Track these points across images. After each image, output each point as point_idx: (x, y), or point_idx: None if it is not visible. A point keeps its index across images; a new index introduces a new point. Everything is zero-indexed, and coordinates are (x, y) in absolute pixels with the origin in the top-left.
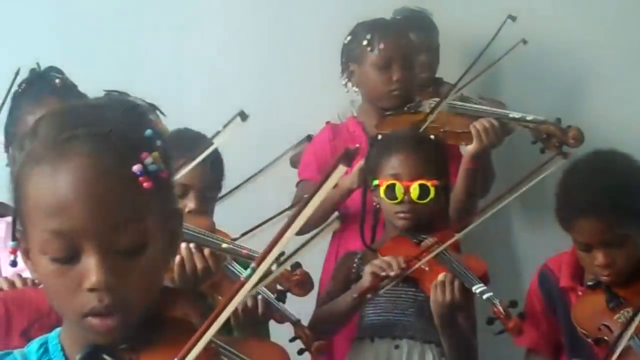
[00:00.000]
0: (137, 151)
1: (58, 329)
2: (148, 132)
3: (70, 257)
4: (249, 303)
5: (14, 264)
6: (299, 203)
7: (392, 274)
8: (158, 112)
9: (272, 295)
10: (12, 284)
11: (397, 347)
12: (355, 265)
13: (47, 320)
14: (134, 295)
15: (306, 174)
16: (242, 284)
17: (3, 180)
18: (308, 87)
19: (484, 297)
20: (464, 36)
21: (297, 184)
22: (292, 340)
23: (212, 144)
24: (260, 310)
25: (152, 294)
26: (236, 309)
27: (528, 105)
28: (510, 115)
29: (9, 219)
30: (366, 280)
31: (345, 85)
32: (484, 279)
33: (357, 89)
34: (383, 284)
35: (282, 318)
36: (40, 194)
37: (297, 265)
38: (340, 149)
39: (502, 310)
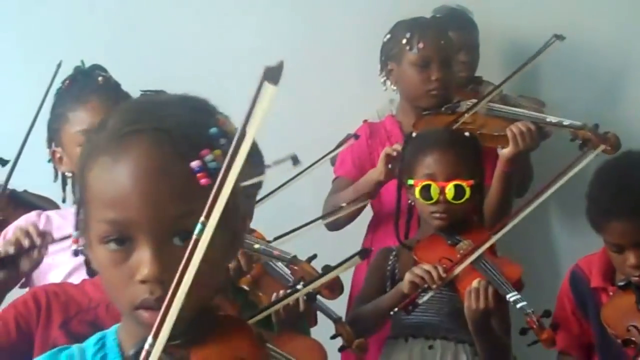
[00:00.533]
0: (198, 148)
1: (117, 325)
2: (213, 129)
3: (125, 248)
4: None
5: (76, 253)
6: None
7: (433, 286)
8: None
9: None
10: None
11: (431, 347)
12: (390, 262)
13: (85, 316)
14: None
15: (341, 171)
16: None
17: (47, 175)
18: (346, 86)
19: (518, 306)
20: (504, 35)
21: (333, 181)
22: (333, 337)
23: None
24: (301, 307)
25: (207, 291)
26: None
27: (567, 105)
28: (547, 120)
29: (50, 212)
30: (405, 287)
31: (384, 83)
32: (518, 285)
33: (395, 88)
34: (422, 294)
35: (325, 315)
36: (100, 184)
37: (328, 267)
38: (376, 148)
39: (535, 320)
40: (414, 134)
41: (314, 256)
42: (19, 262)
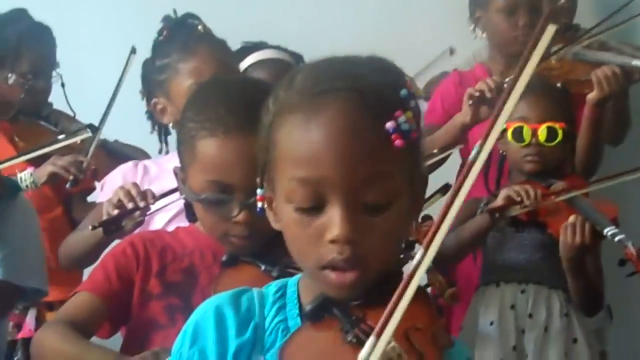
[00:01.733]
0: (391, 109)
1: (298, 276)
2: (404, 91)
3: (315, 207)
4: None
5: (262, 211)
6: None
7: (527, 202)
8: None
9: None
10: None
11: (523, 291)
12: (480, 210)
13: (179, 264)
14: (374, 252)
15: (432, 118)
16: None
17: (144, 126)
18: (434, 33)
19: (616, 239)
20: None
21: (423, 128)
22: (425, 287)
23: None
24: None
25: (392, 253)
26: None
27: None
28: (633, 63)
29: (147, 161)
30: (499, 200)
31: (473, 30)
32: (615, 222)
33: (484, 35)
34: (514, 209)
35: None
36: (291, 142)
37: (428, 217)
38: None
39: (634, 252)
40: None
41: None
42: (122, 222)
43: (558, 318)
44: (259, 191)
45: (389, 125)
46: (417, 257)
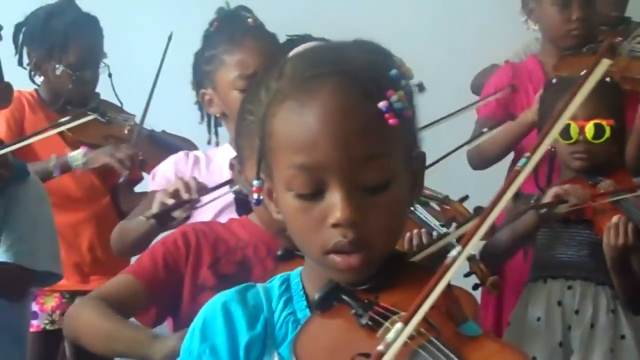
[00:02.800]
0: (382, 89)
1: (299, 268)
2: (393, 71)
3: (315, 193)
4: (424, 239)
5: (258, 202)
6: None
7: (573, 200)
8: None
9: (441, 229)
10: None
11: (570, 287)
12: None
13: (233, 257)
14: (377, 232)
15: (486, 111)
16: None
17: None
18: (488, 25)
19: None
20: None
21: (476, 122)
22: (466, 275)
23: None
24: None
25: (395, 233)
26: (410, 245)
27: None
28: None
29: (197, 152)
30: (547, 197)
31: (525, 22)
32: None
33: (536, 27)
34: (561, 207)
35: None
36: (286, 130)
37: (480, 208)
38: (518, 88)
39: None
40: (553, 81)
41: (466, 197)
42: (174, 211)
43: (605, 314)
44: (255, 182)
45: (382, 104)
46: (453, 253)
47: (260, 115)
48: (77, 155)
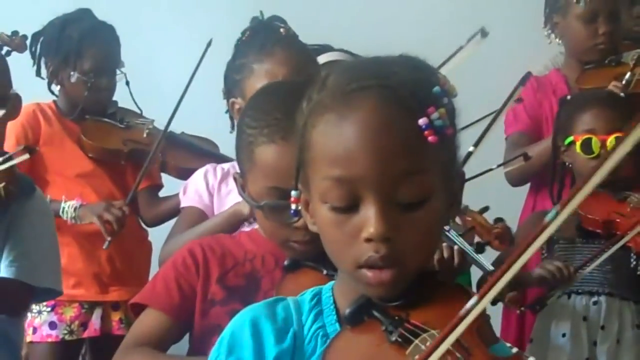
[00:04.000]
0: (424, 105)
1: (332, 283)
2: (436, 88)
3: (350, 206)
4: (445, 254)
5: (295, 213)
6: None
7: (559, 282)
8: None
9: (469, 247)
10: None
11: (595, 303)
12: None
13: (241, 269)
14: (410, 249)
15: (518, 126)
16: (545, 227)
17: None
18: (509, 40)
19: None
20: None
21: (507, 138)
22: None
23: None
24: (456, 261)
25: (429, 251)
26: (432, 259)
27: None
28: None
29: (225, 165)
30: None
31: (548, 37)
32: None
33: (560, 42)
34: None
35: (478, 267)
36: (325, 141)
37: (500, 219)
38: (542, 101)
39: None
40: (568, 97)
41: (487, 208)
42: None
43: (630, 329)
44: (293, 193)
45: (422, 121)
46: (471, 302)
47: (300, 125)
48: (67, 208)
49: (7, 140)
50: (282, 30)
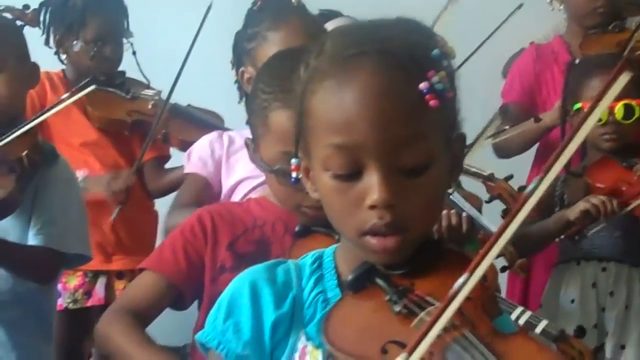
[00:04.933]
0: (424, 69)
1: (334, 247)
2: (436, 51)
3: (352, 173)
4: (454, 220)
5: (296, 181)
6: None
7: (603, 217)
8: None
9: (478, 214)
10: None
11: (604, 269)
12: (558, 189)
13: (251, 235)
14: (414, 215)
15: (510, 96)
16: (526, 199)
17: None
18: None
19: None
20: None
21: (500, 107)
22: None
23: None
24: (464, 227)
25: (432, 217)
26: (440, 226)
27: None
28: None
29: (232, 133)
30: (574, 213)
31: (550, 3)
32: None
33: (561, 7)
34: (591, 225)
35: (484, 236)
36: (325, 109)
37: (524, 187)
38: (543, 70)
39: None
40: (577, 61)
41: (511, 176)
42: None
43: (638, 296)
44: (293, 161)
45: (423, 85)
46: (461, 280)
47: (299, 92)
48: None
49: None
50: (294, 0)
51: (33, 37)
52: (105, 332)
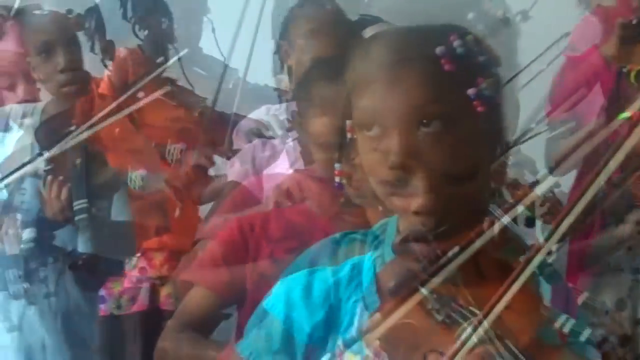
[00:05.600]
0: (472, 76)
1: (373, 254)
2: (483, 58)
3: (399, 179)
4: (485, 228)
5: (340, 186)
6: None
7: None
8: None
9: (510, 221)
10: None
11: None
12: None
13: (289, 244)
14: (458, 222)
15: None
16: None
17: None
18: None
19: None
20: None
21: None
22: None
23: None
24: (496, 235)
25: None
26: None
27: None
28: None
29: (274, 141)
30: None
31: None
32: None
33: None
34: None
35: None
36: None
37: (535, 183)
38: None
39: None
40: (633, 21)
41: (537, 182)
42: None
43: None
44: (336, 166)
45: (471, 91)
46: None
47: (345, 94)
48: (134, 177)
49: None
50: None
51: None
52: (173, 346)
